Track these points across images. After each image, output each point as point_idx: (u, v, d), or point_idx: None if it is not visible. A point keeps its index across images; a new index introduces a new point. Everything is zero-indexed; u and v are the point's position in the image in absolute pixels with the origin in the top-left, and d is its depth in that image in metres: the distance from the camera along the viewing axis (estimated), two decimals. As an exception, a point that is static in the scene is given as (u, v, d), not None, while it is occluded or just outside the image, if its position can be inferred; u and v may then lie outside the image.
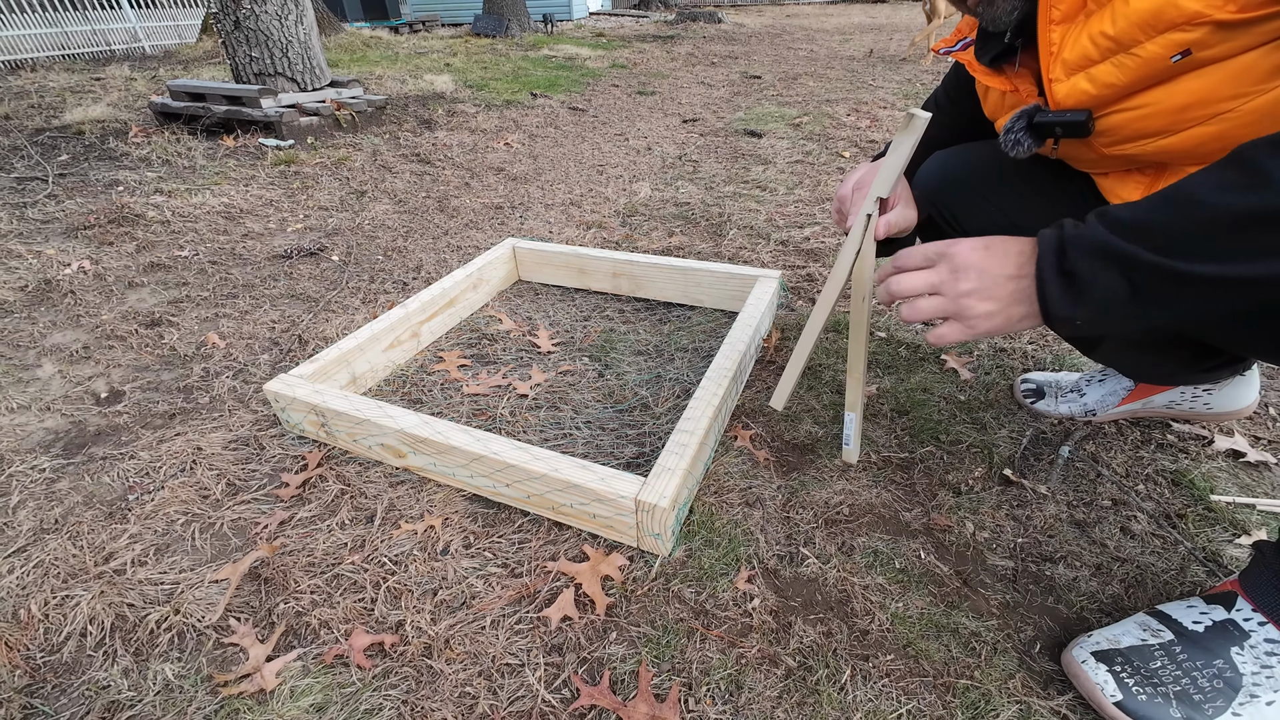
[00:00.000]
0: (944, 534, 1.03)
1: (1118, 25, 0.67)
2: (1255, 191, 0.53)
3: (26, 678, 0.84)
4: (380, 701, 0.80)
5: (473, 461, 1.04)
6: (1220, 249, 0.55)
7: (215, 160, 3.10)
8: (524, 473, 1.00)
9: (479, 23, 9.62)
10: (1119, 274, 0.60)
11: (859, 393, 1.08)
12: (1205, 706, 0.72)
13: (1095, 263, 0.61)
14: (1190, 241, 0.56)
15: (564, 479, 0.96)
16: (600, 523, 1.00)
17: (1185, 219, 0.57)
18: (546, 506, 1.03)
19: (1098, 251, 0.61)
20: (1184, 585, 0.93)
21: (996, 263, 0.69)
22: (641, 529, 0.96)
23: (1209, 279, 0.56)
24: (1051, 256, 0.64)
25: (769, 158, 3.18)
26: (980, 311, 0.69)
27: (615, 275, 1.78)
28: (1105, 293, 0.61)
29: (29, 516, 1.09)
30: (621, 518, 0.96)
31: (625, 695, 0.80)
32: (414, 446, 1.10)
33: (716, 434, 1.17)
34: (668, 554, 0.97)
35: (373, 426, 1.11)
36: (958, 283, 0.70)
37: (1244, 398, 1.15)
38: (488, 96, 4.81)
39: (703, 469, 1.11)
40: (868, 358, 1.06)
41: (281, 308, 1.77)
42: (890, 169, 0.83)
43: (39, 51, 7.17)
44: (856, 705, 0.79)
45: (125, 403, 1.38)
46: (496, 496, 1.08)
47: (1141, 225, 0.59)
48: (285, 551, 1.02)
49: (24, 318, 1.71)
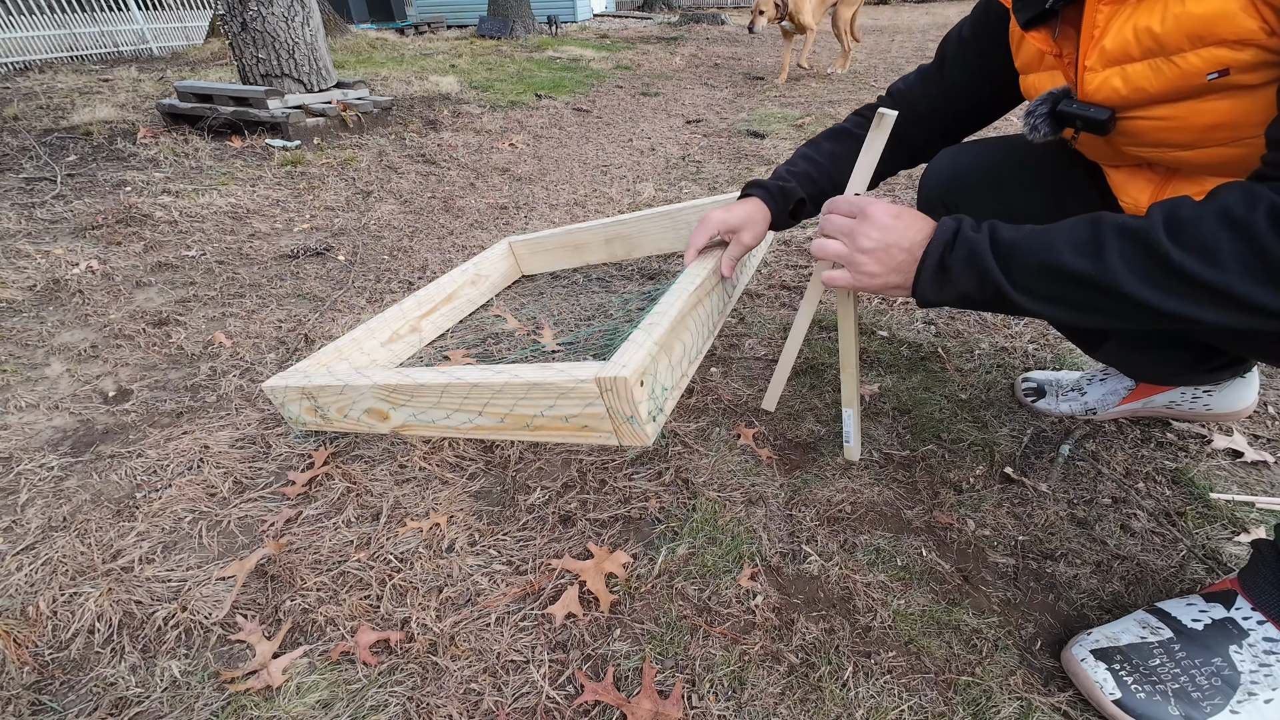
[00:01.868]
0: (945, 531, 1.03)
1: (1165, 25, 0.63)
2: (1088, 260, 0.63)
3: (35, 674, 0.85)
4: (386, 698, 0.81)
5: (442, 395, 1.01)
6: (1044, 292, 0.68)
7: (222, 161, 3.12)
8: (489, 389, 0.96)
9: (484, 24, 9.64)
10: (978, 281, 0.71)
11: (854, 389, 1.08)
12: (1204, 704, 0.72)
13: (966, 266, 0.71)
14: (1029, 276, 0.68)
15: (524, 381, 0.92)
16: (575, 426, 0.93)
17: (1036, 259, 0.67)
18: (521, 425, 0.98)
19: (972, 258, 0.70)
20: (1184, 582, 0.93)
21: (898, 234, 0.77)
22: (614, 417, 0.87)
23: (1027, 309, 0.70)
24: (939, 248, 0.73)
25: (772, 158, 3.18)
26: (868, 269, 0.79)
27: (609, 241, 1.77)
28: (963, 290, 0.72)
29: (37, 514, 1.10)
30: (591, 410, 0.89)
31: (629, 692, 0.81)
32: (390, 399, 1.08)
33: (703, 329, 1.08)
34: (650, 443, 0.88)
35: (353, 392, 1.11)
36: (861, 238, 0.79)
37: (1244, 399, 1.15)
38: (493, 98, 4.82)
39: (687, 360, 1.01)
40: (859, 354, 1.07)
41: (288, 307, 1.79)
42: (864, 166, 0.89)
43: (47, 53, 7.21)
44: (859, 702, 0.79)
45: (133, 401, 1.39)
46: (476, 432, 1.04)
47: (1009, 249, 0.69)
48: (292, 549, 1.03)
49: (32, 317, 1.72)
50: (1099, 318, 0.67)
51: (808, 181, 1.10)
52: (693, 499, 1.10)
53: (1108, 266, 0.62)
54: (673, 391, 0.95)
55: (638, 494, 1.12)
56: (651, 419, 0.89)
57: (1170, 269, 0.59)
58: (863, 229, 0.79)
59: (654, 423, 0.90)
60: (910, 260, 0.76)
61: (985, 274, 0.70)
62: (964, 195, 1.06)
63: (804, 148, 1.14)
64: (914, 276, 0.76)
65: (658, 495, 1.11)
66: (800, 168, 1.11)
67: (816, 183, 1.10)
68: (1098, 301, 0.65)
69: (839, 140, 1.12)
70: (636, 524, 1.06)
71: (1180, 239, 0.59)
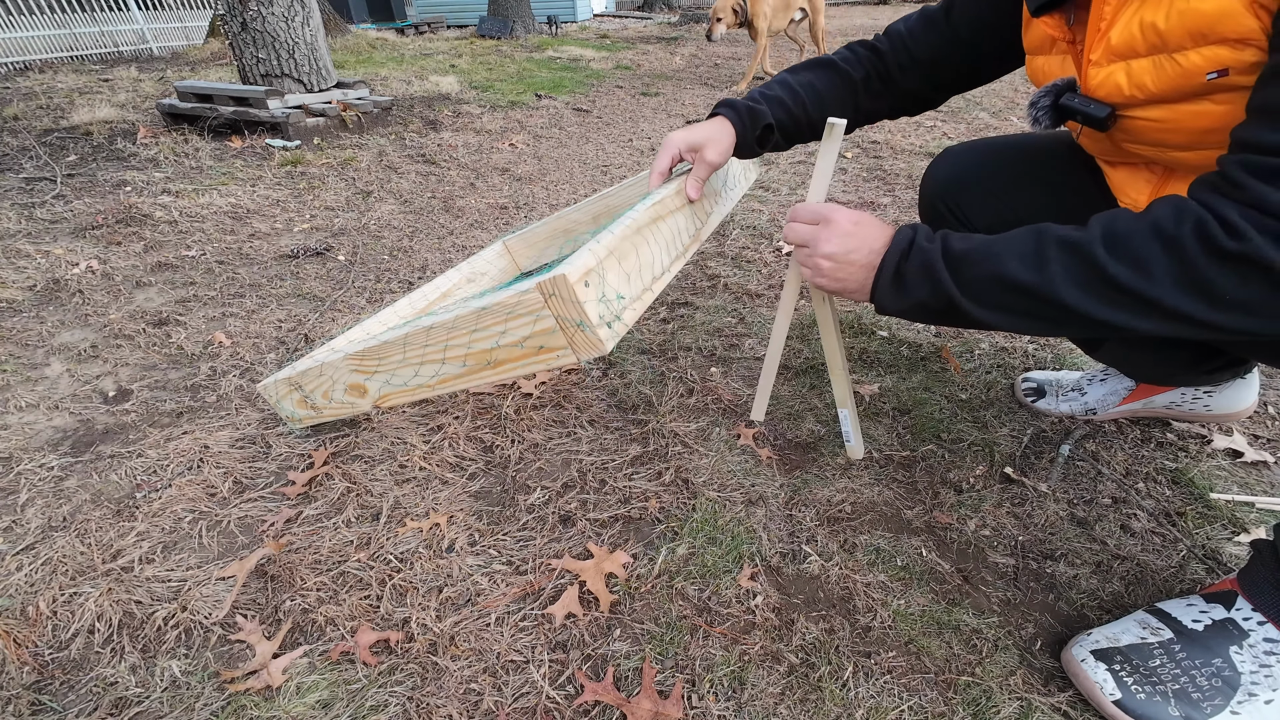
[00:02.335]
0: (945, 531, 1.03)
1: (1170, 21, 0.63)
2: (1031, 271, 0.66)
3: (35, 674, 0.85)
4: (386, 698, 0.81)
5: (406, 348, 0.99)
6: (992, 301, 0.70)
7: (222, 161, 3.12)
8: (443, 327, 0.93)
9: (484, 24, 9.64)
10: (930, 290, 0.73)
11: (846, 388, 1.08)
12: (1204, 705, 0.72)
13: (920, 275, 0.74)
14: (979, 286, 0.70)
15: (473, 309, 0.90)
16: (531, 350, 0.88)
17: (985, 269, 0.69)
18: (484, 364, 0.95)
19: (926, 268, 0.73)
20: (1184, 583, 0.93)
21: (858, 242, 0.80)
22: (565, 326, 0.83)
23: (977, 318, 0.72)
24: (895, 257, 0.76)
25: (771, 158, 3.18)
26: (826, 271, 0.82)
27: (597, 218, 1.74)
28: (918, 298, 0.75)
29: (37, 514, 1.10)
30: (542, 326, 0.84)
31: (629, 692, 0.81)
32: (362, 368, 1.07)
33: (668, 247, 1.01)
34: (606, 349, 0.82)
35: (331, 369, 1.10)
36: (824, 243, 0.82)
37: (1243, 400, 1.15)
38: (493, 98, 4.82)
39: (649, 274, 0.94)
40: (844, 354, 1.07)
41: (288, 307, 1.79)
42: (821, 173, 0.91)
43: (47, 53, 7.21)
44: (859, 702, 0.79)
45: (133, 401, 1.39)
46: (446, 385, 1.02)
47: (959, 259, 0.71)
48: (292, 549, 1.03)
49: (32, 317, 1.72)
50: (1043, 325, 0.70)
51: (779, 107, 1.03)
52: (693, 499, 1.10)
53: (1049, 277, 0.65)
54: (632, 303, 0.90)
55: (638, 494, 1.12)
56: (605, 324, 0.84)
57: (1106, 281, 0.62)
58: (824, 235, 0.82)
59: (609, 329, 0.84)
60: (869, 268, 0.79)
61: (938, 283, 0.72)
62: (965, 196, 1.06)
63: (784, 73, 1.08)
64: (872, 284, 0.79)
65: (658, 495, 1.11)
66: (774, 92, 1.04)
67: (789, 110, 1.03)
68: (1041, 310, 0.68)
69: (820, 71, 1.05)
70: (636, 524, 1.06)
71: (1116, 252, 0.62)
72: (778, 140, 1.06)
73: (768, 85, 1.06)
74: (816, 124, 1.04)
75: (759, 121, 1.02)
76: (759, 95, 1.05)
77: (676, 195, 1.04)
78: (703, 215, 1.13)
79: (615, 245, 0.88)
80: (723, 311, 1.72)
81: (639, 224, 0.94)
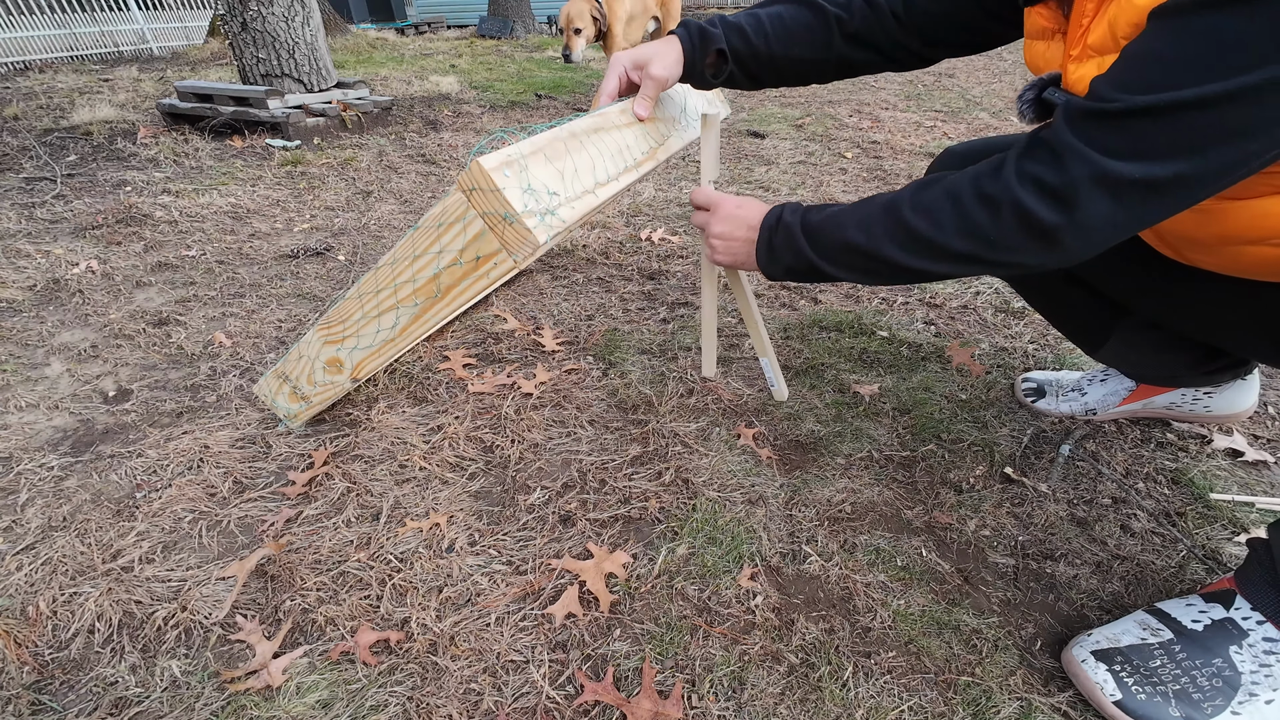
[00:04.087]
0: (945, 532, 1.03)
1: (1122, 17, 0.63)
2: (863, 234, 0.79)
3: (35, 674, 0.85)
4: (386, 698, 0.81)
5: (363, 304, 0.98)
6: (841, 261, 0.83)
7: (222, 161, 3.12)
8: (386, 264, 0.92)
9: (484, 24, 9.64)
10: (794, 256, 0.86)
11: (763, 342, 1.23)
12: (1204, 705, 0.72)
13: (786, 243, 0.87)
14: (831, 251, 0.83)
15: (408, 237, 0.89)
16: (470, 262, 0.87)
17: (833, 236, 0.82)
18: (433, 296, 0.93)
19: (789, 237, 0.86)
20: (1184, 583, 0.93)
21: (741, 221, 0.94)
22: (494, 225, 0.80)
23: (835, 276, 0.85)
24: (766, 232, 0.90)
25: (772, 158, 3.18)
26: (720, 249, 0.97)
27: None
28: (789, 264, 0.88)
29: (37, 514, 1.10)
30: (473, 230, 0.83)
31: (629, 692, 0.81)
32: (330, 336, 1.06)
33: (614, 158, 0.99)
34: (540, 240, 0.80)
35: (308, 349, 1.11)
36: (714, 225, 0.96)
37: (1243, 401, 1.15)
38: (493, 98, 4.82)
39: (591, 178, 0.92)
40: (757, 312, 1.21)
41: (288, 307, 1.79)
42: (708, 158, 1.07)
43: (47, 53, 7.21)
44: (858, 702, 0.79)
45: (133, 401, 1.39)
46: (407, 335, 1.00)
47: (815, 230, 0.84)
48: (292, 549, 1.03)
49: (33, 317, 1.72)
50: (881, 277, 0.82)
51: (736, 34, 0.99)
52: (693, 499, 1.10)
53: (874, 237, 0.77)
54: (571, 201, 0.87)
55: (638, 494, 1.12)
56: (535, 216, 0.81)
57: (910, 233, 0.74)
58: (714, 218, 0.97)
59: (539, 220, 0.81)
60: (750, 243, 0.93)
61: (799, 251, 0.85)
62: None
63: (755, 6, 1.03)
64: (755, 252, 0.92)
65: (658, 495, 1.11)
66: (735, 20, 1.00)
67: (748, 39, 0.99)
68: (874, 265, 0.79)
69: (792, 4, 0.99)
70: (636, 524, 1.06)
71: (918, 209, 0.74)
72: (733, 72, 1.02)
73: (735, 14, 1.01)
74: (780, 62, 1.00)
75: (710, 45, 0.99)
76: (716, 19, 1.01)
77: (622, 113, 1.05)
78: (658, 136, 1.12)
79: (543, 145, 0.86)
80: (723, 311, 1.72)
81: (575, 130, 0.93)
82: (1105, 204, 0.61)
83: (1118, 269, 0.94)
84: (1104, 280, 0.99)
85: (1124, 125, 0.59)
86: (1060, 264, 0.69)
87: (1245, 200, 0.68)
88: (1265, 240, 0.69)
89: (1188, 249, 0.80)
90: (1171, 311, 0.91)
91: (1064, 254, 0.67)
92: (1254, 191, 0.67)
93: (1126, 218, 0.62)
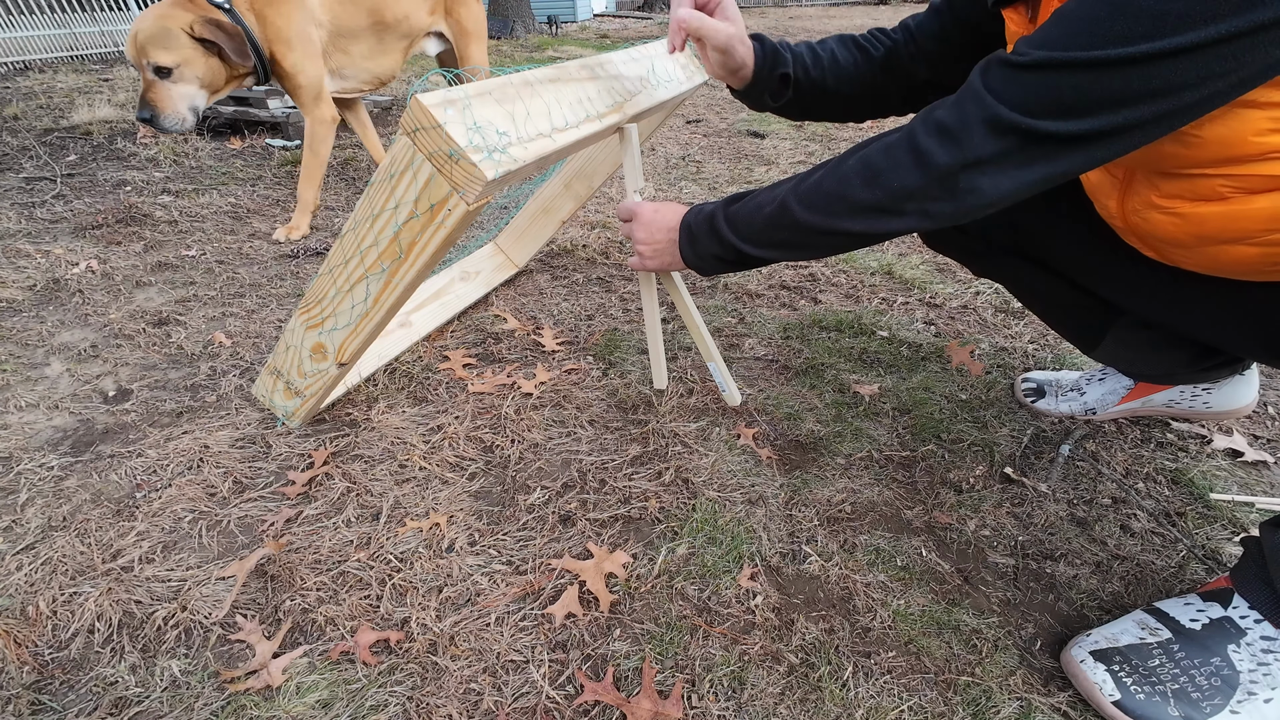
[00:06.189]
0: (945, 532, 1.03)
1: None
2: (775, 205, 0.83)
3: (35, 674, 0.85)
4: (386, 698, 0.81)
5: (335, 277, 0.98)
6: (763, 240, 0.87)
7: (222, 160, 3.12)
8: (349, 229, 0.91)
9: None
10: (717, 243, 0.91)
11: (708, 346, 1.22)
12: (1203, 705, 0.72)
13: (707, 234, 0.92)
14: (752, 230, 0.87)
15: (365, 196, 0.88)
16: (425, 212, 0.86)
17: (751, 218, 0.87)
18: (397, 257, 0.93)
19: (710, 228, 0.91)
20: (1184, 583, 0.94)
21: (660, 225, 0.99)
22: (440, 166, 0.80)
23: (757, 257, 0.89)
24: (688, 228, 0.95)
25: (772, 159, 3.18)
26: (646, 253, 1.02)
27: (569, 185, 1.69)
28: (714, 252, 0.92)
29: (37, 514, 1.10)
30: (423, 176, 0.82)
31: (629, 692, 0.81)
32: (310, 319, 1.06)
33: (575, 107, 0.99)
34: (487, 176, 0.78)
35: (291, 336, 1.10)
36: (637, 232, 1.02)
37: (1243, 397, 1.15)
38: (492, 97, 4.81)
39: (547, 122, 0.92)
40: (696, 315, 1.21)
41: (288, 307, 1.79)
42: (630, 170, 1.12)
43: (47, 53, 7.20)
44: (858, 702, 0.79)
45: (133, 401, 1.39)
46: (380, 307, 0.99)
47: (735, 218, 0.89)
48: (291, 549, 1.03)
49: (32, 317, 1.72)
50: (805, 250, 0.87)
51: (799, 65, 1.02)
52: (693, 499, 1.10)
53: (787, 205, 0.81)
54: (524, 142, 0.86)
55: (638, 494, 1.12)
56: (482, 153, 0.79)
57: (821, 192, 0.78)
58: (636, 227, 1.02)
59: (488, 158, 0.79)
60: (673, 242, 0.98)
61: (723, 239, 0.90)
62: None
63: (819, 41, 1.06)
64: (678, 249, 0.97)
65: (658, 495, 1.11)
66: (800, 49, 1.03)
67: (807, 70, 1.03)
68: (793, 236, 0.83)
69: (845, 47, 1.05)
70: (636, 524, 1.06)
71: (830, 173, 0.78)
72: (789, 100, 1.04)
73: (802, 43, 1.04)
74: (829, 95, 1.05)
75: (778, 66, 1.01)
76: (785, 44, 1.03)
77: (581, 68, 1.08)
78: (622, 93, 1.13)
79: (491, 88, 0.86)
80: (723, 311, 1.72)
81: (529, 79, 0.95)
82: (992, 146, 0.63)
83: (1107, 269, 0.94)
84: (1095, 280, 0.99)
85: (1021, 77, 0.61)
86: (962, 213, 0.70)
87: (1216, 202, 0.68)
88: (1243, 239, 0.69)
89: (1170, 249, 0.80)
90: (1161, 310, 0.92)
91: (960, 200, 0.68)
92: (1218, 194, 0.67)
93: (1016, 166, 0.64)
